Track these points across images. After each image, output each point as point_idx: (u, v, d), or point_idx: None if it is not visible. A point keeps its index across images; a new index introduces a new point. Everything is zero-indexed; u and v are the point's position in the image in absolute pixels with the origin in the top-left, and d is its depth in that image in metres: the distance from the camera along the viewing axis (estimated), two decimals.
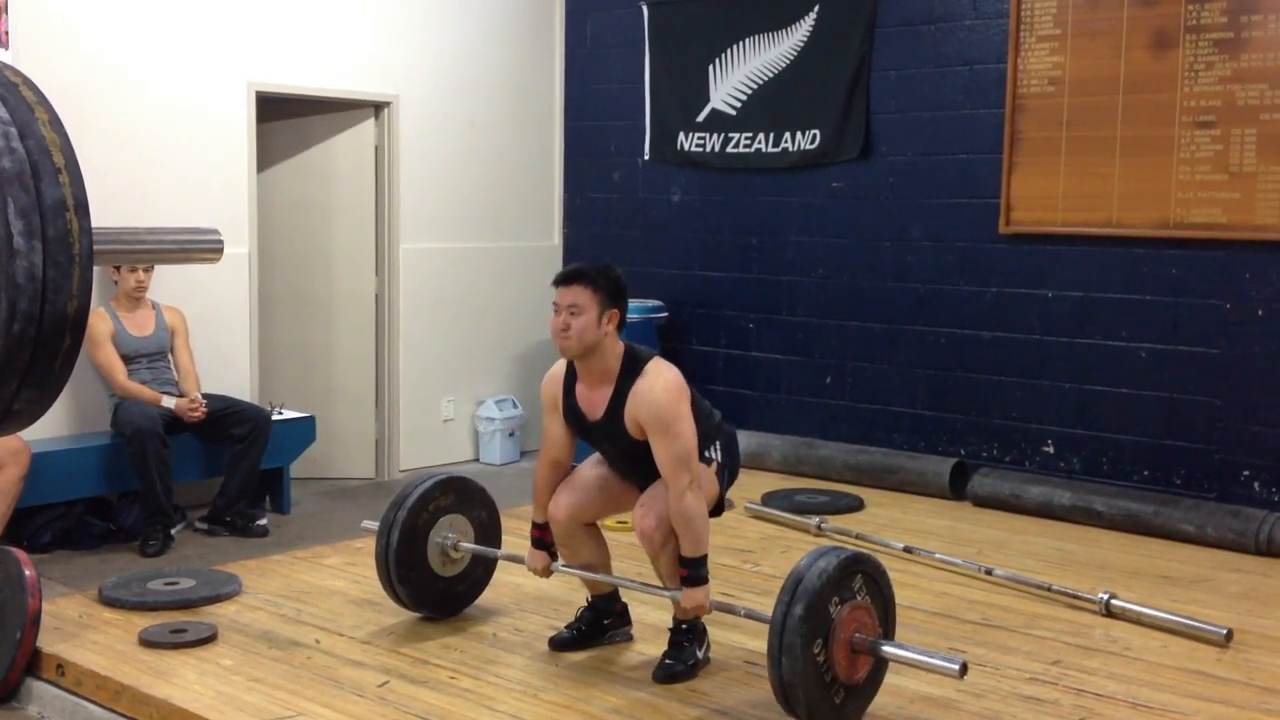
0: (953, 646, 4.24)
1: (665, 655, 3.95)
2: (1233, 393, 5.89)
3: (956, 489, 6.49)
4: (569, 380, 3.94)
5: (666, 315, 7.62)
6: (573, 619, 4.25)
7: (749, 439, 7.23)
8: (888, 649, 3.50)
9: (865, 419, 7.04)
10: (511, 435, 7.94)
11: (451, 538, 4.37)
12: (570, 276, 3.81)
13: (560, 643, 4.19)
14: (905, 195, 6.86)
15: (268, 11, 6.79)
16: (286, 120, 7.22)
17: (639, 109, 7.88)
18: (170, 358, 6.21)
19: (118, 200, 5.76)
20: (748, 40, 7.38)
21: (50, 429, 5.80)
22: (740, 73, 7.43)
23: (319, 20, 7.03)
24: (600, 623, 4.22)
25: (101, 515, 5.93)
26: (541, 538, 4.10)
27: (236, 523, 6.06)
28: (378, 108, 7.32)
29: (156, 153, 6.34)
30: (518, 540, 4.54)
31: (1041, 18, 6.29)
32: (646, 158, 7.89)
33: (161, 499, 5.75)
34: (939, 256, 6.73)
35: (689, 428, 3.75)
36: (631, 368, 3.80)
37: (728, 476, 4.01)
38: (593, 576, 4.14)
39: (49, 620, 4.22)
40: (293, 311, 7.31)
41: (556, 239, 8.36)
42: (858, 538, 5.55)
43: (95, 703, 3.89)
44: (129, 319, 6.07)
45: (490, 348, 8.04)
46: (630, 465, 3.92)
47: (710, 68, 7.51)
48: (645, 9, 7.81)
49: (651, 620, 4.39)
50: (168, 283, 6.30)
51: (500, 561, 5.16)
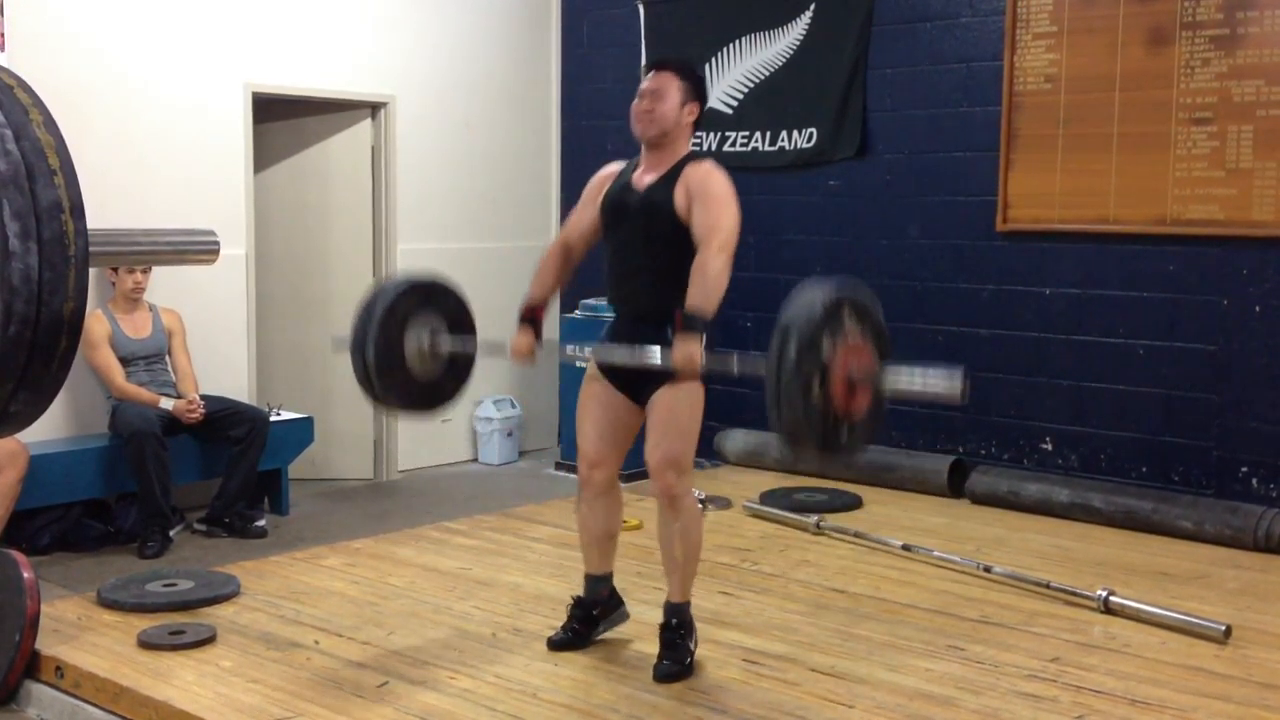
0: (951, 644, 4.25)
1: (661, 655, 3.95)
2: (1230, 389, 5.89)
3: (954, 487, 6.49)
4: (629, 169, 4.03)
5: None
6: (565, 620, 4.25)
7: (747, 437, 7.24)
8: (885, 379, 3.44)
9: None
10: (510, 435, 7.94)
11: (427, 338, 4.17)
12: (660, 64, 3.99)
13: (558, 644, 4.19)
14: (902, 193, 6.86)
15: (263, 12, 6.79)
16: (283, 121, 7.22)
17: None
18: (168, 359, 6.21)
19: (114, 202, 5.76)
20: (744, 39, 7.38)
21: (48, 431, 5.80)
22: (736, 71, 7.43)
23: (315, 21, 7.03)
24: (590, 615, 4.21)
25: (100, 517, 5.93)
26: (532, 315, 4.17)
27: (235, 524, 6.06)
28: (374, 108, 7.32)
29: (153, 154, 6.34)
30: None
31: (1038, 15, 6.29)
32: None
33: (160, 500, 5.75)
34: (936, 254, 6.73)
35: (732, 213, 3.79)
36: (693, 158, 3.92)
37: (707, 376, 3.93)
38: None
39: (48, 622, 4.22)
40: (290, 312, 7.31)
41: (553, 239, 8.34)
42: (856, 536, 5.55)
43: (94, 705, 3.89)
44: (126, 321, 6.06)
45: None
46: (640, 256, 3.88)
47: (707, 66, 7.50)
48: (641, 8, 7.81)
49: (650, 619, 4.37)
50: (165, 284, 6.30)
51: (500, 565, 5.16)
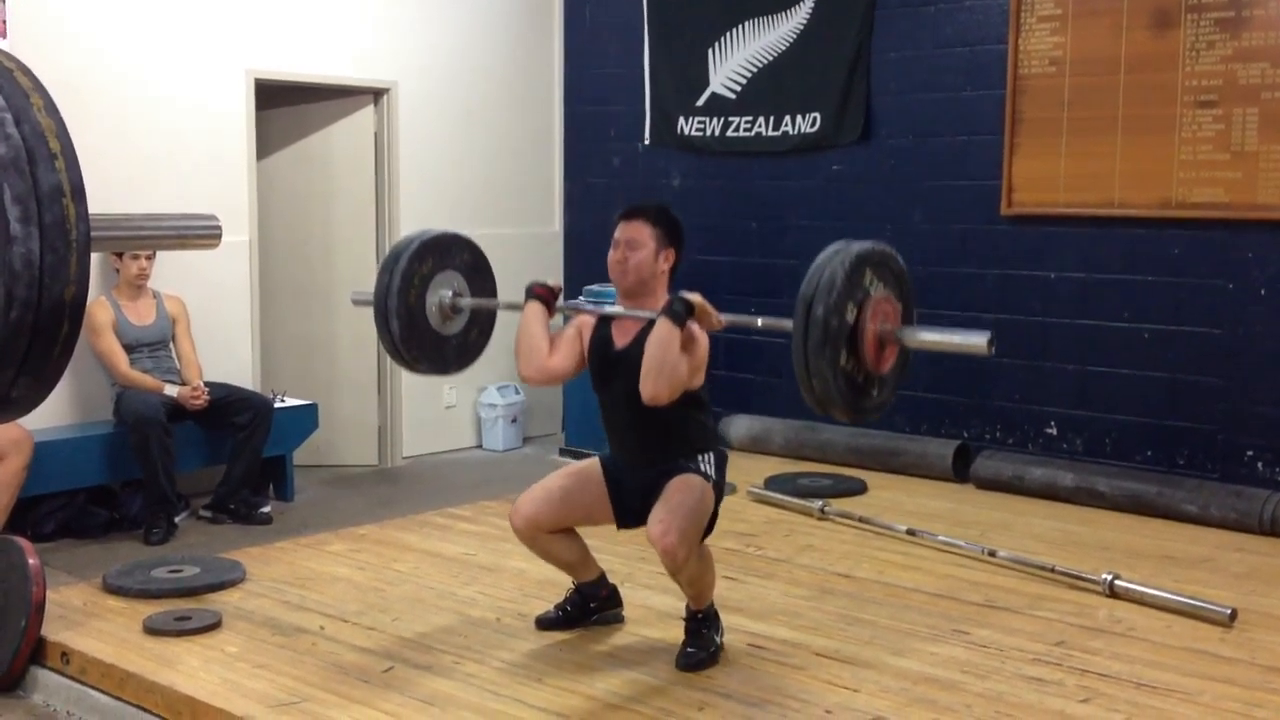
0: (956, 628, 4.25)
1: (686, 644, 3.92)
2: (1235, 373, 5.88)
3: (959, 471, 6.49)
4: (604, 322, 3.95)
5: None
6: (561, 599, 4.26)
7: (751, 423, 7.23)
8: (913, 337, 3.43)
9: None
10: (514, 422, 7.94)
11: (448, 297, 4.23)
12: (633, 212, 3.88)
13: (546, 622, 4.20)
14: (906, 178, 6.84)
15: None
16: (285, 108, 7.21)
17: (638, 93, 7.86)
18: (172, 346, 6.21)
19: (117, 189, 5.75)
20: (747, 23, 7.36)
21: (52, 418, 5.81)
22: (740, 56, 7.41)
23: (317, 7, 7.01)
24: (587, 606, 4.22)
25: (105, 504, 5.94)
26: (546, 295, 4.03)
27: (240, 510, 6.07)
28: (376, 94, 7.31)
29: (156, 142, 6.34)
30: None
31: None
32: (646, 142, 7.87)
33: (164, 487, 5.76)
34: (940, 239, 6.72)
35: (700, 355, 3.71)
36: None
37: (717, 496, 3.89)
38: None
39: (53, 609, 4.22)
40: (294, 299, 7.31)
41: (557, 225, 8.35)
42: (861, 520, 5.55)
43: (100, 690, 3.90)
44: (130, 308, 6.07)
45: (492, 335, 8.01)
46: (631, 413, 3.81)
47: (710, 51, 7.48)
48: None
49: (655, 605, 4.39)
50: (169, 271, 6.30)
51: (504, 551, 5.16)
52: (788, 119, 7.24)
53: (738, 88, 7.43)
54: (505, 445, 7.88)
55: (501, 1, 7.94)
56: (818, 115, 7.11)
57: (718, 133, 7.51)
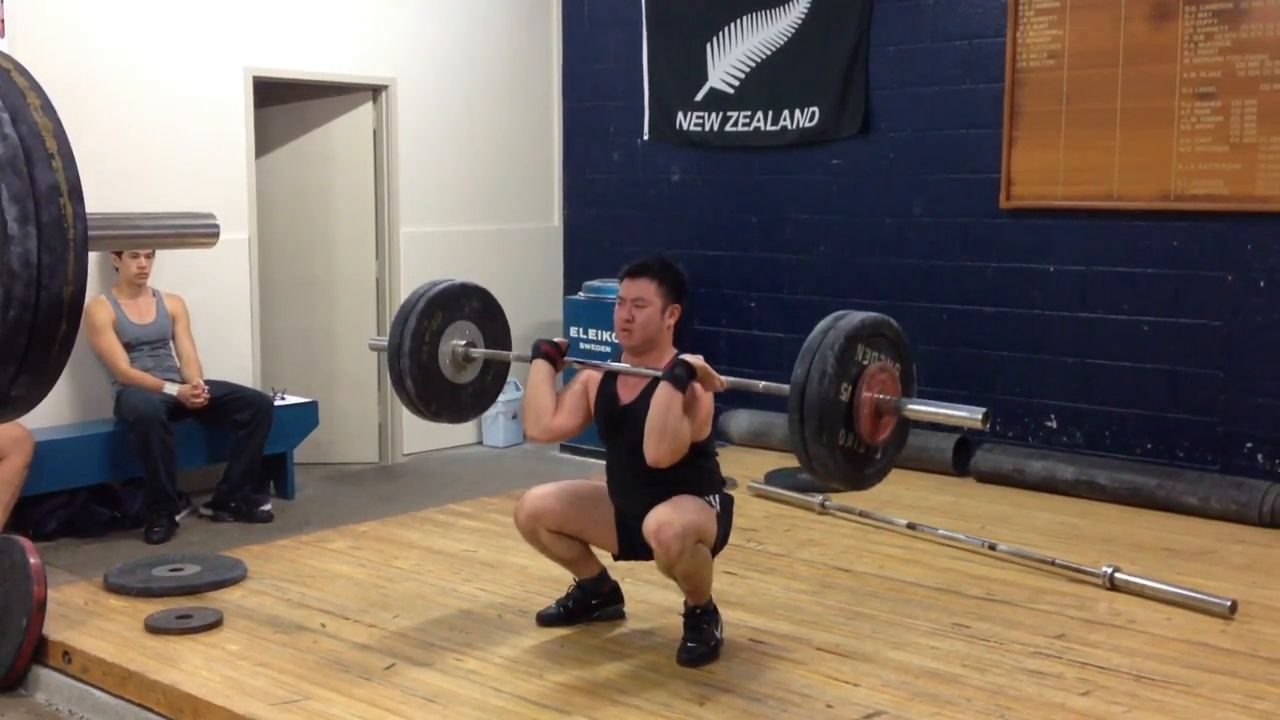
0: (956, 622, 4.25)
1: (686, 639, 3.93)
2: (1235, 365, 5.88)
3: (959, 465, 6.49)
4: (610, 377, 3.98)
5: None
6: (563, 595, 4.26)
7: (751, 418, 7.23)
8: (908, 408, 3.48)
9: None
10: (514, 418, 7.93)
11: (460, 348, 4.29)
12: (637, 270, 3.89)
13: (547, 618, 4.21)
14: (905, 171, 6.84)
15: None
16: (284, 105, 7.21)
17: (637, 89, 7.86)
18: (172, 345, 6.21)
19: (116, 187, 5.76)
20: (745, 18, 7.35)
21: (53, 417, 5.81)
22: (738, 51, 7.41)
23: (315, 4, 7.01)
24: (588, 602, 4.23)
25: (106, 502, 5.94)
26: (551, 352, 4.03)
27: (241, 508, 6.08)
28: (375, 91, 7.31)
29: (154, 139, 6.34)
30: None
31: None
32: (646, 138, 7.87)
33: (165, 485, 5.76)
34: (939, 232, 6.72)
35: (704, 414, 3.76)
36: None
37: (723, 532, 3.91)
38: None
39: (55, 608, 4.23)
40: (294, 296, 7.31)
41: (556, 220, 8.35)
42: (861, 515, 5.55)
43: (102, 689, 3.90)
44: (130, 306, 6.07)
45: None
46: (635, 466, 3.82)
47: (708, 46, 7.48)
48: None
49: (656, 600, 4.39)
50: (169, 270, 6.30)
51: (505, 547, 5.17)
52: (787, 113, 7.23)
53: (736, 82, 7.42)
54: (506, 442, 7.88)
55: None
56: (817, 109, 7.10)
57: (717, 127, 7.50)
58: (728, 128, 7.46)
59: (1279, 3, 5.63)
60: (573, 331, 7.60)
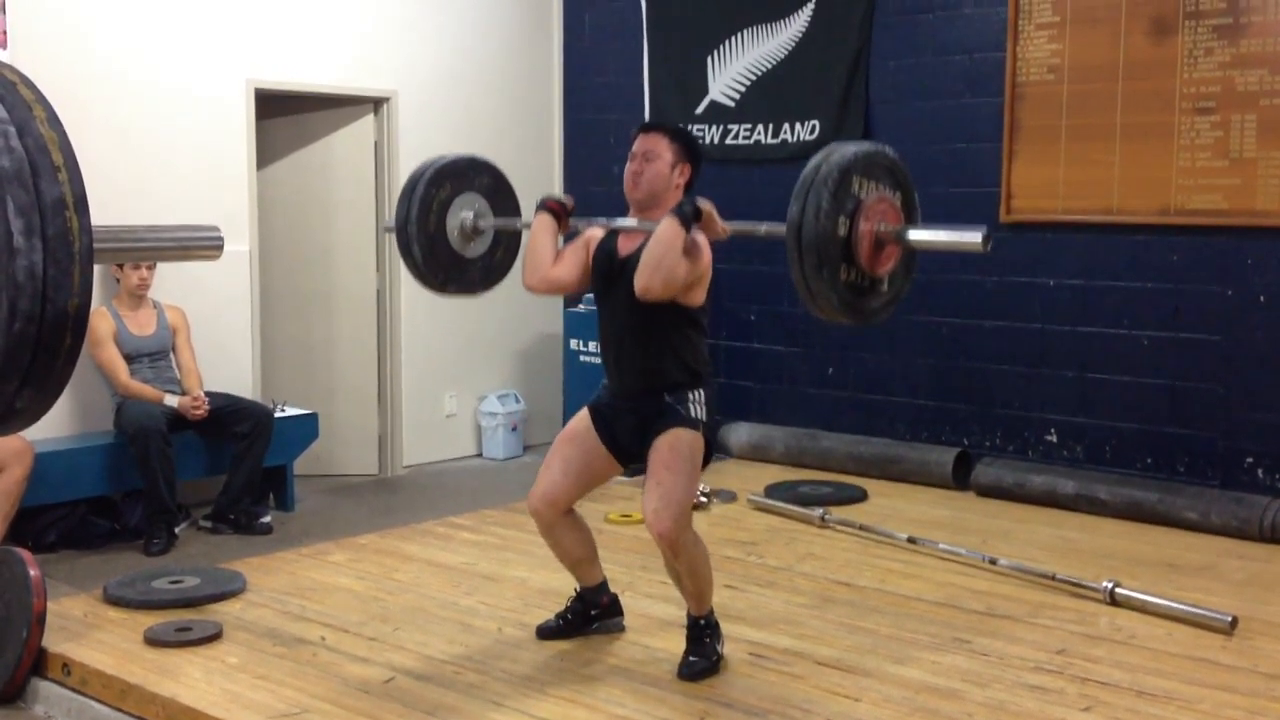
0: (957, 637, 4.25)
1: (688, 652, 3.92)
2: (1235, 379, 5.88)
3: (960, 479, 6.49)
4: (611, 235, 3.97)
5: None
6: (562, 608, 4.26)
7: (752, 431, 7.23)
8: (908, 237, 3.42)
9: (867, 410, 7.04)
10: (514, 430, 7.94)
11: (469, 218, 4.29)
12: (652, 126, 3.95)
13: (547, 631, 4.20)
14: None
15: (266, 8, 6.78)
16: (286, 117, 7.22)
17: (638, 102, 7.87)
18: (172, 356, 6.21)
19: (118, 198, 5.75)
20: (746, 31, 7.37)
21: (53, 429, 5.80)
22: (739, 64, 7.42)
23: (317, 16, 7.02)
24: (588, 614, 4.22)
25: (105, 515, 5.93)
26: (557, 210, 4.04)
27: (240, 520, 6.07)
28: (376, 103, 7.32)
29: (156, 150, 6.34)
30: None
31: (1040, 5, 6.27)
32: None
33: (165, 498, 5.75)
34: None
35: (702, 267, 3.72)
36: None
37: (708, 438, 3.86)
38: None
39: (54, 620, 4.22)
40: (294, 308, 7.31)
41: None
42: (861, 529, 5.54)
43: (101, 702, 3.89)
44: (131, 318, 6.07)
45: (492, 343, 8.04)
46: (630, 322, 3.81)
47: (709, 59, 7.50)
48: (643, 1, 7.79)
49: (657, 614, 4.39)
50: (169, 281, 6.30)
51: (505, 560, 5.16)
52: (787, 126, 7.25)
53: (737, 96, 7.44)
54: (506, 453, 7.87)
55: (501, 11, 7.95)
56: (817, 123, 7.11)
57: (717, 141, 7.51)
58: (728, 140, 7.47)
59: (1278, 18, 5.65)
60: (573, 344, 7.60)
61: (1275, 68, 5.66)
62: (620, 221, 3.96)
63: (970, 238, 3.37)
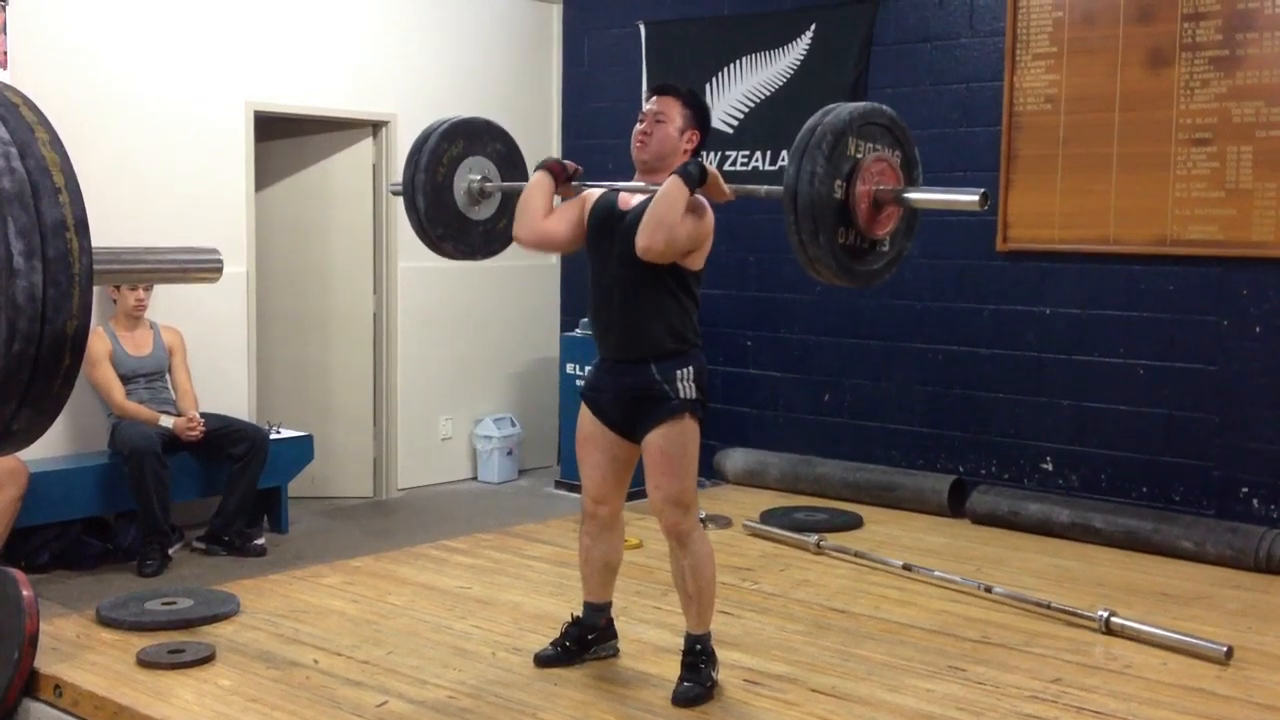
0: (952, 665, 4.24)
1: (682, 678, 3.90)
2: (1231, 409, 5.89)
3: (955, 506, 6.48)
4: (612, 192, 3.96)
5: None
6: (557, 635, 4.24)
7: (747, 456, 7.23)
8: (906, 197, 3.43)
9: (863, 436, 7.04)
10: (510, 454, 7.93)
11: (476, 180, 4.34)
12: (664, 88, 3.93)
13: (545, 659, 4.17)
14: None
15: (266, 31, 6.81)
16: (284, 139, 7.24)
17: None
18: (168, 377, 6.21)
19: (116, 220, 5.77)
20: (744, 59, 7.40)
21: (48, 449, 5.79)
22: (737, 91, 7.45)
23: (317, 40, 7.05)
24: (585, 638, 4.20)
25: (99, 535, 5.92)
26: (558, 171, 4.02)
27: (234, 542, 6.06)
28: (375, 127, 7.34)
29: (155, 172, 6.36)
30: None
31: (1037, 35, 6.31)
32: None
33: (159, 519, 5.74)
34: (936, 274, 6.74)
35: (702, 229, 3.72)
36: None
37: (700, 417, 3.86)
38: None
39: (46, 641, 4.21)
40: (291, 330, 7.32)
41: (554, 258, 8.36)
42: (856, 555, 5.54)
43: None
44: (127, 338, 6.07)
45: (488, 366, 8.04)
46: (624, 280, 3.79)
47: (708, 86, 7.52)
48: (643, 28, 7.83)
49: (650, 639, 4.38)
50: (165, 302, 6.30)
51: (499, 584, 5.14)
52: (784, 154, 7.26)
53: (735, 122, 7.47)
54: (501, 477, 7.87)
55: (501, 36, 7.99)
56: None
57: (715, 167, 7.50)
58: (726, 167, 7.49)
59: (1274, 50, 5.68)
60: (569, 368, 7.60)
61: (1271, 100, 5.69)
62: (622, 185, 3.96)
63: (968, 197, 3.38)
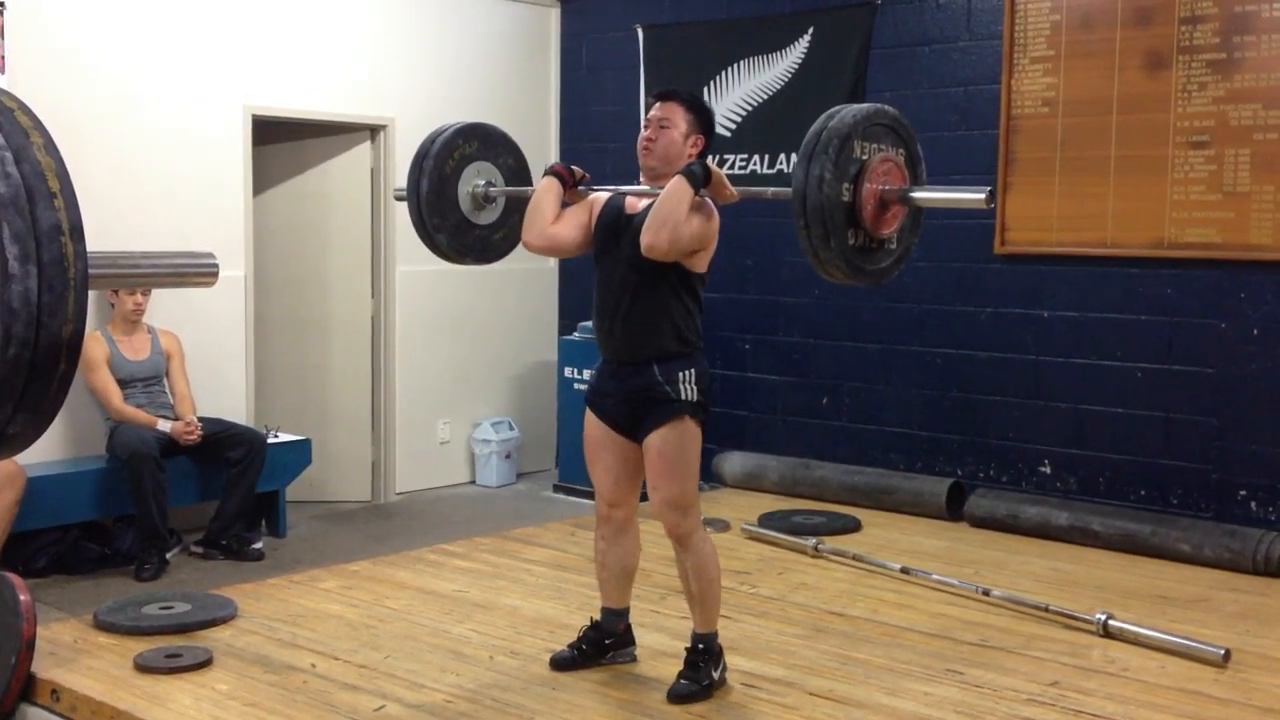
0: (950, 668, 4.23)
1: (681, 675, 3.91)
2: (1229, 412, 5.89)
3: (953, 509, 6.48)
4: (618, 196, 3.99)
5: None
6: (575, 638, 4.24)
7: (745, 460, 7.23)
8: (911, 197, 3.46)
9: (862, 439, 7.04)
10: (508, 457, 7.93)
11: (481, 185, 4.39)
12: (668, 94, 3.94)
13: (561, 662, 4.17)
14: None
15: (264, 35, 6.81)
16: (282, 144, 7.24)
17: (634, 131, 7.80)
18: (166, 381, 6.21)
19: (113, 224, 5.76)
20: (743, 62, 7.40)
21: (46, 453, 5.80)
22: (735, 95, 7.45)
23: (315, 44, 7.05)
24: (602, 643, 4.19)
25: (97, 539, 5.92)
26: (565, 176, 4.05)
27: (232, 546, 6.05)
28: (374, 131, 7.34)
29: (152, 176, 6.36)
30: None
31: (1035, 39, 6.31)
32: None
33: (157, 523, 5.74)
34: (935, 277, 6.74)
35: (708, 231, 3.74)
36: None
37: (701, 419, 3.87)
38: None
39: (44, 645, 4.20)
40: (289, 334, 7.31)
41: (552, 262, 8.36)
42: (855, 558, 5.54)
43: None
44: (125, 343, 6.06)
45: (486, 370, 8.04)
46: (629, 282, 3.81)
47: (705, 89, 7.53)
48: (641, 31, 7.84)
49: (648, 643, 4.37)
50: (164, 307, 6.30)
51: (497, 588, 5.14)
52: (783, 157, 7.27)
53: (733, 126, 7.47)
54: (499, 481, 7.86)
55: (499, 39, 7.99)
56: None
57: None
58: (724, 170, 7.46)
59: (1272, 53, 5.68)
60: (567, 372, 7.60)
61: (1269, 103, 5.69)
62: (630, 188, 3.99)
63: (973, 196, 3.42)
